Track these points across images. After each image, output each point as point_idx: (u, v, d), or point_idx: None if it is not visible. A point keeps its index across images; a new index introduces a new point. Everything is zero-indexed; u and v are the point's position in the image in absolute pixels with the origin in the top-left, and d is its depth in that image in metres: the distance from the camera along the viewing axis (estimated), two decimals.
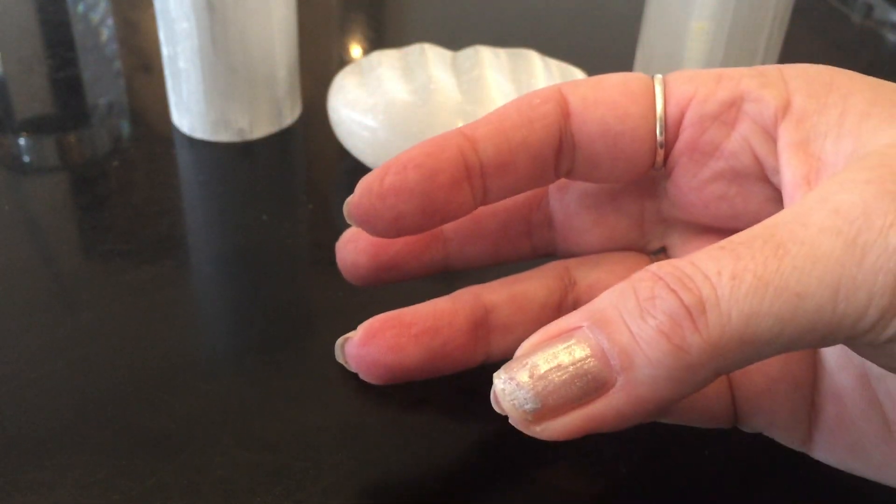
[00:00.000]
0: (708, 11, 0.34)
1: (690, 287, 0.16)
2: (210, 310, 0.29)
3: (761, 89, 0.20)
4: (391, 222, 0.21)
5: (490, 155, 0.21)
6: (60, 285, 0.29)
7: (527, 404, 0.17)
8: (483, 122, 0.21)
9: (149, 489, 0.22)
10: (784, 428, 0.22)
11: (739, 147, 0.21)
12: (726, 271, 0.16)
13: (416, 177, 0.20)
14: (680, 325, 0.16)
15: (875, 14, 0.52)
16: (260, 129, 0.37)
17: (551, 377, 0.17)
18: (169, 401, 0.24)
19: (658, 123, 0.21)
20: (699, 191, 0.22)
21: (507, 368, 0.18)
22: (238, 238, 0.31)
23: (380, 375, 0.22)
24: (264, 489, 0.22)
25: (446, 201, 0.21)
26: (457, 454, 0.23)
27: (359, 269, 0.24)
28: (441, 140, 0.21)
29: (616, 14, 0.51)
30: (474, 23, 0.50)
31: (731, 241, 0.17)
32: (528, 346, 0.18)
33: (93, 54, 0.45)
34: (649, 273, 0.17)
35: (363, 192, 0.21)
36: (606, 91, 0.21)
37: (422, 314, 0.22)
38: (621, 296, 0.17)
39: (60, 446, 0.23)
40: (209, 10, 0.33)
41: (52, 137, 0.38)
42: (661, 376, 0.16)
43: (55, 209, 0.33)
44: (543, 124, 0.21)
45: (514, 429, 0.24)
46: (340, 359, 0.23)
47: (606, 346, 0.17)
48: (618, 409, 0.17)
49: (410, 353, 0.22)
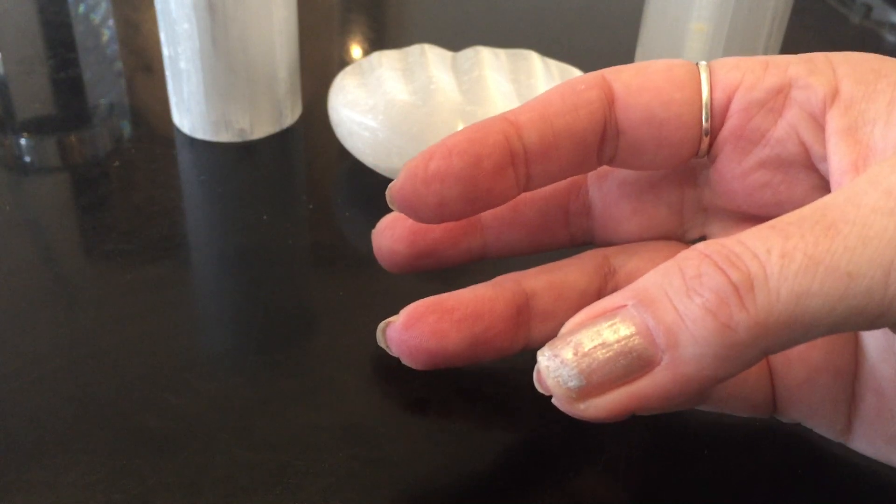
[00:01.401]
0: (707, 12, 0.35)
1: (738, 265, 0.16)
2: (210, 310, 0.29)
3: (809, 76, 0.20)
4: (435, 208, 0.21)
5: (534, 141, 0.21)
6: (61, 285, 0.29)
7: (571, 381, 0.17)
8: (527, 108, 0.21)
9: (149, 489, 0.22)
10: (823, 418, 0.22)
11: (786, 134, 0.21)
12: (776, 250, 0.16)
13: (461, 162, 0.20)
14: (727, 303, 0.16)
15: (874, 15, 0.52)
16: (260, 130, 0.37)
17: (596, 354, 0.17)
18: (169, 401, 0.24)
19: (704, 110, 0.21)
20: (743, 178, 0.22)
21: (552, 346, 0.18)
22: (238, 238, 0.31)
23: (421, 360, 0.22)
24: (264, 489, 0.22)
25: (490, 187, 0.21)
26: (457, 454, 0.23)
27: (396, 256, 0.24)
28: (485, 126, 0.21)
29: (616, 14, 0.51)
30: (474, 23, 0.50)
31: (781, 220, 0.16)
32: (572, 325, 0.18)
33: (94, 55, 0.45)
34: (695, 251, 0.17)
35: (407, 177, 0.21)
36: (651, 77, 0.21)
37: (464, 300, 0.22)
38: (666, 274, 0.17)
39: (60, 446, 0.23)
40: (210, 10, 0.33)
41: (53, 138, 0.38)
42: (707, 355, 0.16)
43: (56, 209, 0.33)
44: (588, 110, 0.21)
45: (515, 429, 0.24)
46: (382, 343, 0.23)
47: (651, 323, 0.17)
48: (663, 388, 0.17)
49: (452, 338, 0.22)
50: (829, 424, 0.22)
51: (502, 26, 0.50)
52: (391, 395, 0.25)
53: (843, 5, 0.53)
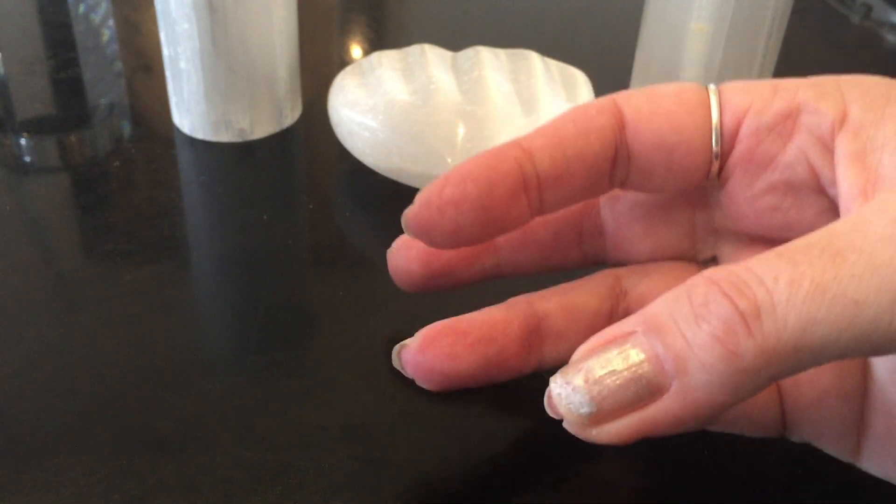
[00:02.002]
0: (707, 12, 0.35)
1: (745, 292, 0.16)
2: (210, 310, 0.29)
3: (818, 101, 0.20)
4: (450, 235, 0.21)
5: (546, 167, 0.21)
6: (61, 285, 0.29)
7: (582, 408, 0.18)
8: (539, 134, 0.21)
9: (149, 489, 0.22)
10: (833, 440, 0.22)
11: (796, 159, 0.21)
12: (783, 277, 0.16)
13: (476, 189, 0.21)
14: (734, 331, 0.16)
15: (874, 15, 0.52)
16: (260, 130, 0.37)
17: (606, 381, 0.17)
18: (169, 401, 0.24)
19: (714, 134, 0.21)
20: (753, 202, 0.22)
21: (563, 373, 0.18)
22: (238, 238, 0.31)
23: (436, 382, 0.23)
24: (265, 488, 0.22)
25: (504, 213, 0.21)
26: (457, 454, 0.23)
27: (411, 276, 0.24)
28: (498, 152, 0.21)
29: (616, 15, 0.51)
30: (474, 23, 0.50)
31: (788, 248, 0.17)
32: (583, 352, 0.18)
33: (94, 55, 0.45)
34: (703, 278, 0.17)
35: (422, 204, 0.21)
36: (661, 102, 0.21)
37: (477, 323, 0.23)
38: (675, 301, 0.17)
39: (60, 446, 0.23)
40: (210, 11, 0.33)
41: (54, 138, 0.38)
42: (715, 381, 0.16)
43: (56, 209, 0.33)
44: (599, 136, 0.21)
45: (515, 430, 0.24)
46: (397, 365, 0.23)
47: (661, 351, 0.17)
48: (672, 414, 0.17)
49: (466, 360, 0.22)
50: (838, 445, 0.22)
51: (502, 26, 0.50)
52: (391, 395, 0.25)
53: (843, 5, 0.53)
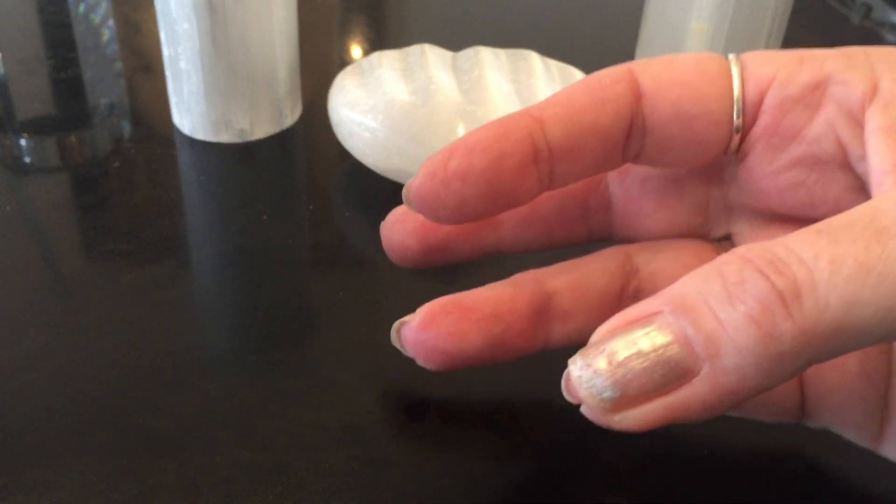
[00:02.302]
0: (707, 12, 0.35)
1: (784, 271, 0.15)
2: (210, 310, 0.29)
3: (847, 71, 0.19)
4: (454, 209, 0.20)
5: (558, 138, 0.20)
6: (61, 285, 0.29)
7: (605, 392, 0.16)
8: (551, 103, 0.20)
9: (149, 489, 0.22)
10: (854, 425, 0.21)
11: (823, 132, 0.20)
12: (824, 255, 0.15)
13: (483, 161, 0.19)
14: (771, 311, 0.15)
15: (874, 15, 0.52)
16: (260, 130, 0.37)
17: (631, 364, 0.16)
18: (169, 401, 0.24)
19: (735, 106, 0.20)
20: (775, 177, 0.21)
21: (584, 355, 0.17)
22: (238, 238, 0.32)
23: (438, 361, 0.21)
24: (264, 489, 0.22)
25: (513, 187, 0.20)
26: (457, 454, 0.24)
27: (407, 251, 0.23)
28: (508, 121, 0.20)
29: (616, 14, 0.51)
30: (474, 23, 0.50)
31: (828, 224, 0.16)
32: (604, 332, 0.17)
33: (94, 55, 0.45)
34: (736, 256, 0.16)
35: (426, 177, 0.20)
36: (680, 71, 0.20)
37: (483, 299, 0.21)
38: (705, 280, 0.16)
39: (60, 446, 0.23)
40: (210, 11, 0.33)
41: (53, 138, 0.38)
42: (749, 365, 0.15)
43: (56, 210, 0.33)
44: (614, 106, 0.20)
45: (515, 430, 0.24)
46: (396, 343, 0.22)
47: (690, 332, 0.16)
48: (702, 399, 0.16)
49: (471, 339, 0.21)
50: (859, 431, 0.21)
51: (502, 26, 0.50)
52: (391, 395, 0.25)
53: (843, 5, 0.54)
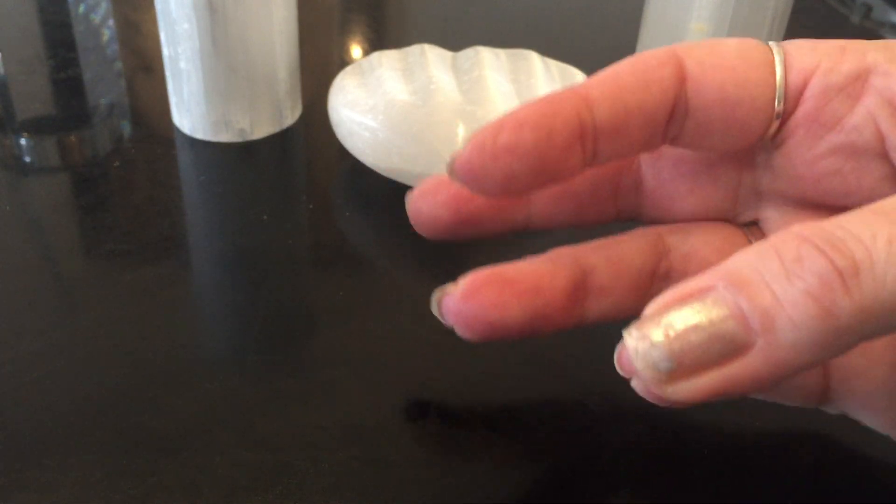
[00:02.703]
0: (707, 12, 0.35)
1: (842, 249, 0.15)
2: (210, 310, 0.29)
3: (889, 63, 0.19)
4: (501, 182, 0.20)
5: (604, 117, 0.20)
6: (61, 285, 0.29)
7: (661, 364, 0.17)
8: (597, 83, 0.20)
9: (149, 488, 0.22)
10: (876, 411, 0.21)
11: (863, 121, 0.20)
12: (882, 235, 0.15)
13: (532, 137, 0.19)
14: (831, 288, 0.15)
15: (874, 15, 0.52)
16: (260, 130, 0.37)
17: (688, 337, 0.16)
18: (169, 401, 0.24)
19: (777, 92, 0.20)
20: (812, 164, 0.21)
21: (639, 326, 0.17)
22: (239, 238, 0.32)
23: (479, 331, 0.21)
24: (264, 488, 0.22)
25: (559, 163, 0.20)
26: (457, 454, 0.24)
27: (437, 221, 0.23)
28: (556, 99, 0.20)
29: (616, 14, 0.51)
30: (474, 23, 0.50)
31: (883, 206, 0.16)
32: (658, 305, 0.17)
33: (94, 55, 0.45)
34: (792, 234, 0.16)
35: (474, 149, 0.20)
36: (725, 56, 0.20)
37: (524, 272, 0.21)
38: (761, 257, 0.16)
39: (60, 446, 0.23)
40: (210, 11, 0.33)
41: (54, 138, 0.38)
42: (805, 340, 0.16)
43: (56, 209, 0.33)
44: (660, 88, 0.20)
45: (515, 429, 0.24)
46: (436, 312, 0.22)
47: (746, 306, 0.16)
48: (756, 372, 0.16)
49: (513, 311, 0.21)
50: (880, 417, 0.21)
51: (502, 26, 0.50)
52: (391, 395, 0.25)
53: (843, 5, 0.54)
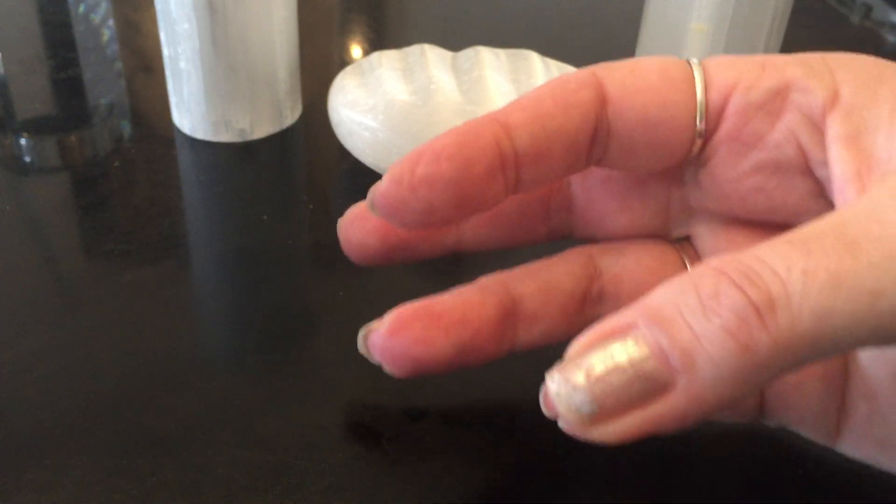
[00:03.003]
0: (707, 12, 0.35)
1: (758, 283, 0.15)
2: (210, 310, 0.29)
3: (808, 79, 0.19)
4: (421, 214, 0.20)
5: (525, 143, 0.20)
6: (61, 285, 0.29)
7: (584, 407, 0.16)
8: (517, 108, 0.20)
9: (149, 488, 0.22)
10: (812, 424, 0.21)
11: (784, 138, 0.20)
12: (797, 267, 0.15)
13: (450, 167, 0.19)
14: (747, 324, 0.15)
15: (874, 15, 0.52)
16: (260, 130, 0.37)
17: (609, 379, 0.16)
18: (169, 401, 0.24)
19: (698, 111, 0.20)
20: (737, 182, 0.21)
21: (562, 370, 0.17)
22: (238, 238, 0.32)
23: (406, 368, 0.21)
24: (264, 488, 0.22)
25: (480, 193, 0.20)
26: (457, 454, 0.24)
27: (366, 250, 0.23)
28: (475, 127, 0.20)
29: (616, 14, 0.51)
30: (474, 23, 0.50)
31: (798, 235, 0.16)
32: (579, 346, 0.17)
33: (94, 55, 0.45)
34: (710, 268, 0.16)
35: (392, 182, 0.20)
36: (646, 77, 0.20)
37: (451, 305, 0.21)
38: (681, 292, 0.16)
39: (61, 446, 0.23)
40: (210, 11, 0.33)
41: (54, 138, 0.38)
42: (725, 376, 0.16)
43: (56, 209, 0.33)
44: (580, 111, 0.20)
45: (514, 430, 0.24)
46: (363, 350, 0.22)
47: (666, 344, 0.16)
48: (679, 411, 0.16)
49: (440, 345, 0.21)
50: (817, 429, 0.21)
51: (502, 26, 0.50)
52: (391, 395, 0.25)
53: (843, 5, 0.54)
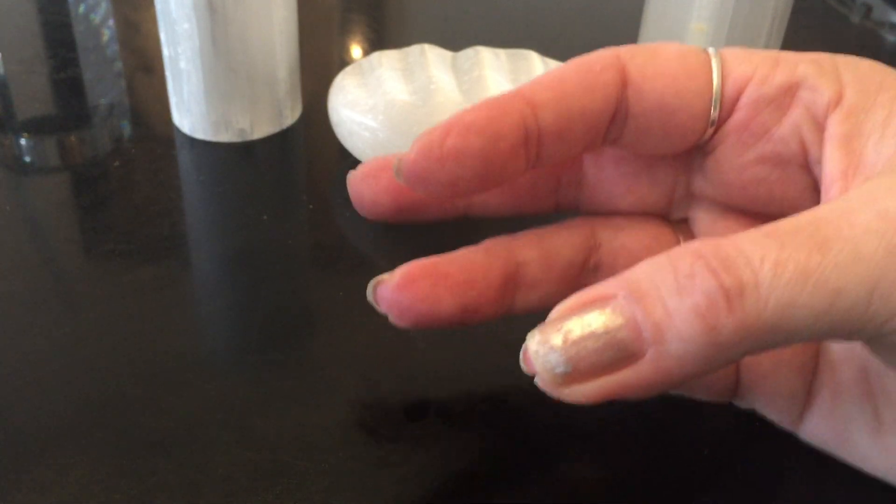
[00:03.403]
0: (707, 12, 0.35)
1: (731, 270, 0.16)
2: (210, 310, 0.29)
3: (817, 77, 0.20)
4: (447, 185, 0.20)
5: (549, 122, 0.20)
6: (61, 285, 0.29)
7: (558, 367, 0.18)
8: (543, 87, 0.21)
9: (149, 488, 0.22)
10: (779, 408, 0.23)
11: (790, 133, 0.21)
12: (769, 258, 0.16)
13: (479, 142, 0.20)
14: (716, 306, 0.16)
15: (874, 15, 0.52)
16: (260, 130, 0.37)
17: (584, 343, 0.17)
18: (169, 401, 0.24)
19: (714, 100, 0.21)
20: (740, 171, 0.22)
21: (542, 330, 0.18)
22: (238, 238, 0.32)
23: (411, 321, 0.22)
24: (264, 488, 0.22)
25: (503, 167, 0.20)
26: (457, 454, 0.24)
27: (378, 206, 0.23)
28: (502, 103, 0.20)
29: (616, 14, 0.51)
30: (474, 23, 0.50)
31: (776, 228, 0.17)
32: (562, 310, 0.18)
33: (94, 55, 0.45)
34: (689, 251, 0.17)
35: (421, 152, 0.20)
36: (666, 63, 0.21)
37: (458, 265, 0.22)
38: (659, 270, 0.17)
39: (60, 446, 0.23)
40: (210, 11, 0.33)
41: (54, 138, 0.38)
42: (690, 353, 0.17)
43: (56, 209, 0.33)
44: (603, 93, 0.21)
45: (514, 430, 0.24)
46: (371, 298, 0.22)
47: (640, 317, 0.17)
48: (645, 380, 0.17)
49: (445, 304, 0.22)
50: (782, 414, 0.23)
51: (502, 26, 0.50)
52: (391, 395, 0.25)
53: (843, 5, 0.54)
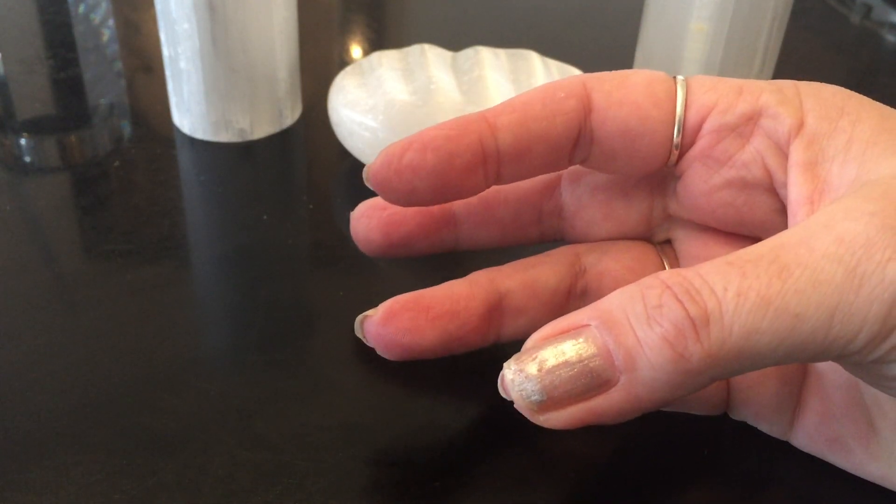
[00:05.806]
0: (707, 12, 0.35)
1: (697, 300, 0.17)
2: (210, 310, 0.29)
3: (778, 106, 0.21)
4: (404, 195, 0.22)
5: (508, 144, 0.22)
6: (61, 285, 0.29)
7: (534, 395, 0.18)
8: (507, 110, 0.22)
9: (149, 489, 0.22)
10: (770, 418, 0.23)
11: (752, 159, 0.22)
12: (732, 287, 0.17)
13: (434, 159, 0.21)
14: (683, 335, 0.17)
15: (874, 14, 0.52)
16: (260, 130, 0.37)
17: (558, 372, 0.18)
18: (169, 401, 0.24)
19: (676, 127, 0.22)
20: (708, 196, 0.23)
21: (518, 360, 0.19)
22: (238, 238, 0.32)
23: (396, 353, 0.23)
24: (265, 488, 0.22)
25: (459, 183, 0.22)
26: (457, 454, 0.24)
27: (371, 243, 0.25)
28: (463, 124, 0.22)
29: (616, 14, 0.51)
30: (474, 23, 0.50)
31: (739, 257, 0.18)
32: (537, 339, 0.19)
33: (94, 55, 0.45)
34: (658, 280, 0.18)
35: (382, 164, 0.22)
36: (631, 91, 0.22)
37: (440, 297, 0.23)
38: (630, 299, 0.18)
39: (60, 446, 0.23)
40: (210, 10, 0.33)
41: (54, 138, 0.38)
42: (661, 379, 0.17)
43: (56, 209, 0.33)
44: (565, 119, 0.22)
45: (514, 430, 0.24)
46: (359, 333, 0.23)
47: (612, 346, 0.18)
48: (617, 406, 0.18)
49: (427, 335, 0.23)
50: (773, 424, 0.23)
51: (502, 26, 0.50)
52: (391, 395, 0.25)
53: (843, 5, 0.53)
